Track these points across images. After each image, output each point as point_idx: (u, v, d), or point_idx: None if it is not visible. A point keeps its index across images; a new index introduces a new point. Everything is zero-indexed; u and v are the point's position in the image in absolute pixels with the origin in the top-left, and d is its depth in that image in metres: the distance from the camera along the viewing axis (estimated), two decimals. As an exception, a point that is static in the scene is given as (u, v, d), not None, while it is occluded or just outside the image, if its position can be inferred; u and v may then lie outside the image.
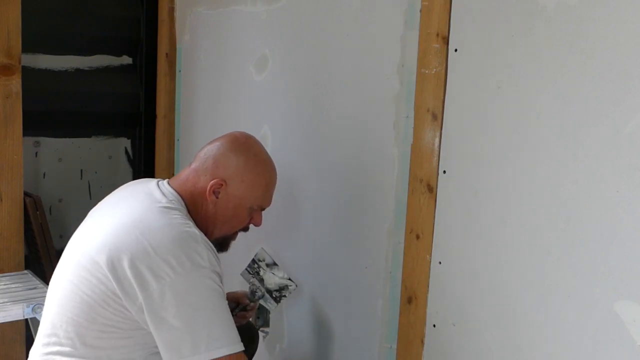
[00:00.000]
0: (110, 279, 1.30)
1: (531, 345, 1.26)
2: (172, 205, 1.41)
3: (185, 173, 1.52)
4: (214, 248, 1.39)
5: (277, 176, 1.59)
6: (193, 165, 1.52)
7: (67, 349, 1.34)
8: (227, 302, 1.35)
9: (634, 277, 1.08)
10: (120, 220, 1.38)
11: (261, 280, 1.75)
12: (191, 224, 1.39)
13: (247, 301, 1.74)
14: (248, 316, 1.75)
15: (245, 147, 1.53)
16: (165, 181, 1.52)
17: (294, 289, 1.74)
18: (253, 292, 1.76)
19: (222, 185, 1.48)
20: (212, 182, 1.47)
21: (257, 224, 1.59)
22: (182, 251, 1.31)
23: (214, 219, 1.49)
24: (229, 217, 1.51)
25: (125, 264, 1.29)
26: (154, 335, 1.30)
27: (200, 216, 1.47)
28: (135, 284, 1.29)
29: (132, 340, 1.34)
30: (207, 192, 1.47)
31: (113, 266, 1.30)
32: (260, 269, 1.75)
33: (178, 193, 1.47)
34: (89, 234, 1.42)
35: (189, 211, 1.45)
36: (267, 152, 1.57)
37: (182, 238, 1.33)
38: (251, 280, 1.80)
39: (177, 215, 1.39)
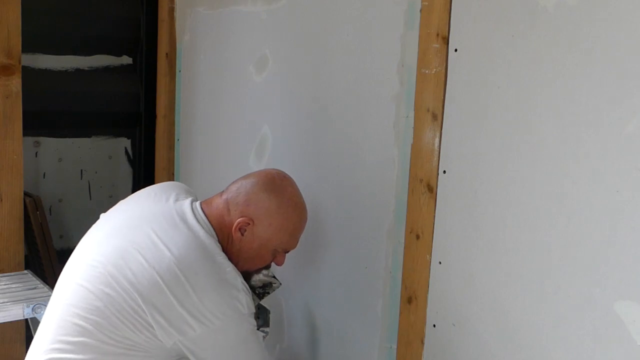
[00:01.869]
0: (145, 311, 1.30)
1: (531, 345, 1.26)
2: (211, 242, 1.40)
3: (217, 202, 1.49)
4: (248, 286, 1.42)
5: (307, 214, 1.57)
6: (224, 196, 1.50)
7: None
8: (261, 338, 1.46)
9: (634, 277, 1.08)
10: (157, 249, 1.35)
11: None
12: (230, 265, 1.39)
13: None
14: None
15: (280, 189, 1.50)
16: (198, 204, 1.48)
17: (278, 287, 1.73)
18: None
19: (249, 224, 1.46)
20: (240, 219, 1.45)
21: (279, 264, 1.58)
22: (224, 300, 1.34)
23: (237, 255, 1.48)
24: (252, 255, 1.50)
25: (165, 302, 1.30)
26: None
27: (226, 249, 1.46)
28: (174, 324, 1.31)
29: (155, 359, 1.36)
30: (234, 228, 1.45)
31: (150, 301, 1.30)
32: None
33: (209, 221, 1.45)
34: (110, 245, 1.39)
35: (218, 240, 1.44)
36: (300, 195, 1.54)
37: (224, 286, 1.35)
38: None
39: (218, 255, 1.38)
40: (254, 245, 1.48)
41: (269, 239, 1.49)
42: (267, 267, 1.60)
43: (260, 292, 1.74)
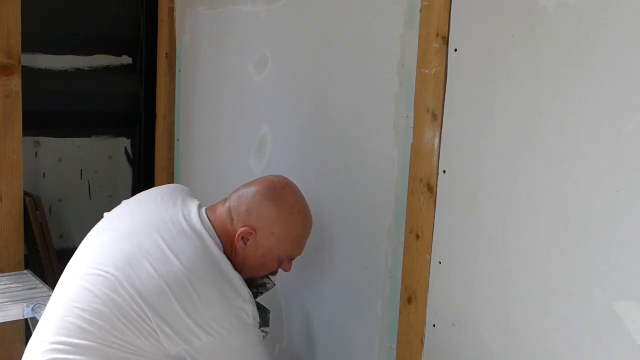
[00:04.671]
0: (150, 318, 1.31)
1: (531, 345, 1.26)
2: (218, 252, 1.41)
3: (220, 210, 1.50)
4: (252, 295, 1.42)
5: (312, 221, 1.57)
6: (227, 204, 1.50)
7: None
8: (264, 347, 1.46)
9: (634, 277, 1.08)
10: (166, 258, 1.35)
11: None
12: (237, 275, 1.40)
13: None
14: None
15: (281, 197, 1.50)
16: (204, 211, 1.49)
17: (272, 287, 1.74)
18: None
19: (251, 234, 1.46)
20: (242, 229, 1.45)
21: (286, 271, 1.59)
22: (231, 311, 1.36)
23: (242, 263, 1.48)
24: (256, 264, 1.51)
25: (172, 312, 1.31)
26: None
27: (230, 257, 1.46)
28: (180, 333, 1.31)
29: None
30: (236, 238, 1.46)
31: (156, 309, 1.31)
32: None
33: (215, 229, 1.46)
34: (118, 250, 1.39)
35: (223, 249, 1.44)
36: (303, 202, 1.55)
37: (231, 297, 1.36)
38: None
39: (225, 265, 1.39)
40: (258, 254, 1.49)
41: (272, 248, 1.50)
42: (274, 273, 1.60)
43: (254, 292, 1.74)
